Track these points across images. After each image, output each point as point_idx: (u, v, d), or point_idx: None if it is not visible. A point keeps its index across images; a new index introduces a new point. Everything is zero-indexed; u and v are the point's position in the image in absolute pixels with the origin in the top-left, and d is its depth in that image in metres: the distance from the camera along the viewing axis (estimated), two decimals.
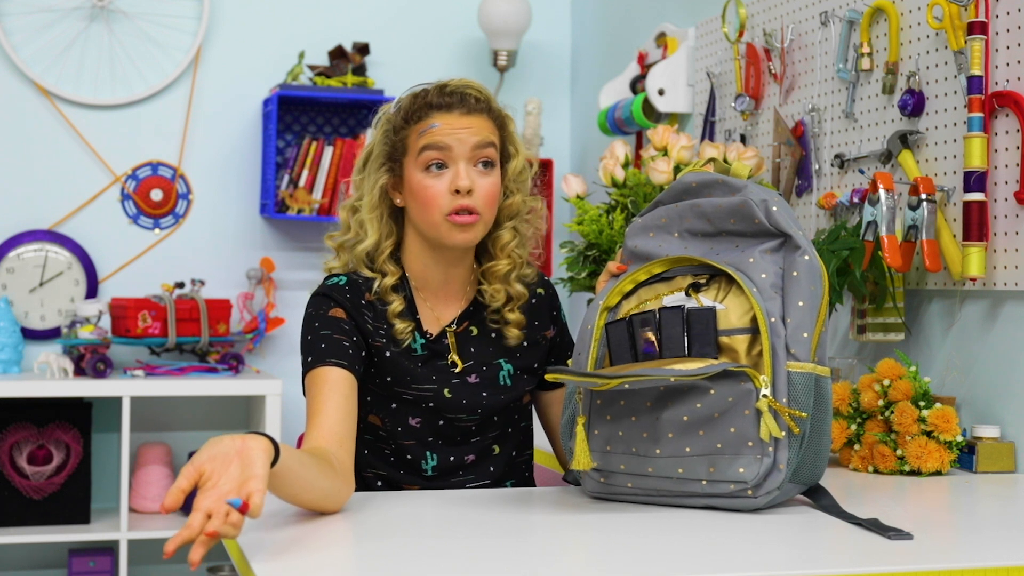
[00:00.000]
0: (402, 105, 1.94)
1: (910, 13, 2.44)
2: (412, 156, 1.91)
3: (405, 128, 1.92)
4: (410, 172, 1.91)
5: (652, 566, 1.41)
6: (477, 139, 1.90)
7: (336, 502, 1.66)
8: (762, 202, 1.69)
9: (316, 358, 1.84)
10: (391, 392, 1.91)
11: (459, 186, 1.87)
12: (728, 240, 1.73)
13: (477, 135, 1.90)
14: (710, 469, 1.63)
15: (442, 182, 1.88)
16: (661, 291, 1.73)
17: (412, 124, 1.92)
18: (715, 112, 3.16)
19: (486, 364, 1.96)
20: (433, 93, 1.92)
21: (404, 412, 1.91)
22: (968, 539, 1.64)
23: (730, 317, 1.65)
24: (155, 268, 3.88)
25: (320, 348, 1.85)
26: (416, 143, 1.90)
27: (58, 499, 3.57)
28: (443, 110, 1.90)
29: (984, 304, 2.28)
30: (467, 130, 1.90)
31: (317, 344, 1.86)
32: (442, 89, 1.92)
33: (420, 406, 1.91)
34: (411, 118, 1.92)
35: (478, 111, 1.92)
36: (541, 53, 4.26)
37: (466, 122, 1.90)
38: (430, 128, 1.89)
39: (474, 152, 1.89)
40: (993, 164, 2.22)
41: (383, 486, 1.95)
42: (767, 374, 1.61)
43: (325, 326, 1.87)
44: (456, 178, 1.88)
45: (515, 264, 1.98)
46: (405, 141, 1.92)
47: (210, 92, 3.96)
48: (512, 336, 1.97)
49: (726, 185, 1.74)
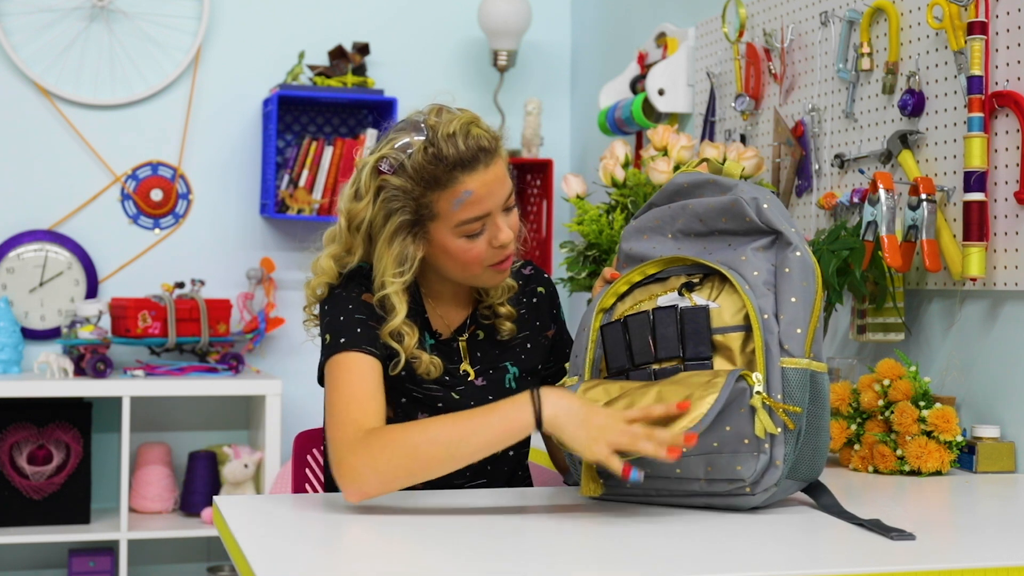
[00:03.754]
0: (414, 166, 1.80)
1: (910, 13, 2.44)
2: (446, 224, 1.81)
3: (428, 195, 1.80)
4: (444, 237, 1.82)
5: (653, 566, 1.41)
6: (506, 190, 1.84)
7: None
8: (753, 200, 1.70)
9: (351, 341, 1.79)
10: (403, 388, 1.89)
11: (502, 241, 1.83)
12: (721, 239, 1.73)
13: (504, 185, 1.83)
14: (708, 468, 1.63)
15: (482, 241, 1.83)
16: (656, 292, 1.74)
17: (437, 190, 1.80)
18: (715, 112, 3.16)
19: (492, 367, 1.96)
20: (447, 146, 1.79)
21: (413, 408, 1.91)
22: (968, 539, 1.64)
23: (723, 315, 1.66)
24: (155, 268, 3.88)
25: (356, 332, 1.80)
26: (451, 214, 1.80)
27: (58, 499, 3.57)
28: (468, 170, 1.79)
29: (984, 304, 2.27)
30: (496, 182, 1.82)
31: (351, 327, 1.80)
32: (454, 141, 1.79)
33: (429, 405, 1.91)
34: (433, 184, 1.79)
35: (495, 155, 1.82)
36: (541, 53, 4.26)
37: (491, 174, 1.81)
38: (465, 197, 1.79)
39: (505, 202, 1.85)
40: (993, 164, 2.22)
41: None
42: (760, 371, 1.62)
43: (359, 310, 1.82)
44: (497, 233, 1.83)
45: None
46: (433, 208, 1.81)
47: (210, 92, 3.96)
48: (505, 329, 1.97)
49: (717, 185, 1.75)
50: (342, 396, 1.75)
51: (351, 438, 1.70)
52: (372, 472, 1.66)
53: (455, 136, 1.79)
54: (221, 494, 3.61)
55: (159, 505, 3.69)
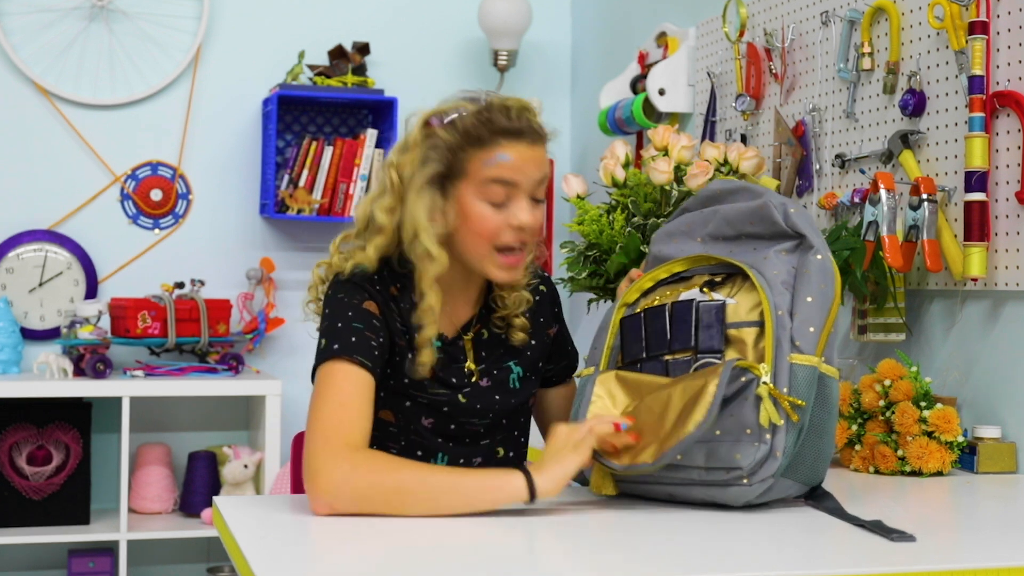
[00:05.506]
0: (463, 123, 1.82)
1: (911, 13, 2.43)
2: (473, 183, 1.82)
3: (466, 150, 1.81)
4: (467, 198, 1.82)
5: (654, 566, 1.41)
6: (540, 175, 1.84)
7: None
8: (781, 205, 1.76)
9: (344, 349, 1.78)
10: (406, 393, 1.88)
11: (521, 222, 1.82)
12: (747, 243, 1.79)
13: (540, 170, 1.84)
14: (707, 456, 1.65)
15: (502, 215, 1.83)
16: (679, 289, 1.80)
17: (475, 148, 1.81)
18: (716, 112, 3.16)
19: (497, 367, 1.95)
20: (499, 115, 1.81)
21: (417, 412, 1.89)
22: (969, 540, 1.64)
23: (739, 311, 1.71)
24: (155, 268, 3.87)
25: (351, 340, 1.79)
26: (481, 171, 1.81)
27: (58, 499, 3.56)
28: (512, 139, 1.81)
29: (985, 304, 2.27)
30: (533, 164, 1.83)
31: (347, 335, 1.80)
32: (507, 113, 1.82)
33: (434, 409, 1.89)
34: (474, 141, 1.81)
35: (540, 142, 1.85)
36: (541, 53, 4.26)
37: (531, 155, 1.82)
38: (499, 160, 1.80)
39: (536, 188, 1.84)
40: (994, 164, 2.21)
41: None
42: (768, 364, 1.64)
43: (358, 318, 1.81)
44: (519, 213, 1.82)
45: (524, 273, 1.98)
46: (465, 164, 1.82)
47: (210, 92, 3.95)
48: (518, 339, 1.97)
49: (749, 191, 1.81)
50: (329, 405, 1.74)
51: (334, 450, 1.68)
52: (350, 491, 1.65)
53: (509, 109, 1.82)
54: (221, 495, 3.61)
55: (159, 505, 3.68)
